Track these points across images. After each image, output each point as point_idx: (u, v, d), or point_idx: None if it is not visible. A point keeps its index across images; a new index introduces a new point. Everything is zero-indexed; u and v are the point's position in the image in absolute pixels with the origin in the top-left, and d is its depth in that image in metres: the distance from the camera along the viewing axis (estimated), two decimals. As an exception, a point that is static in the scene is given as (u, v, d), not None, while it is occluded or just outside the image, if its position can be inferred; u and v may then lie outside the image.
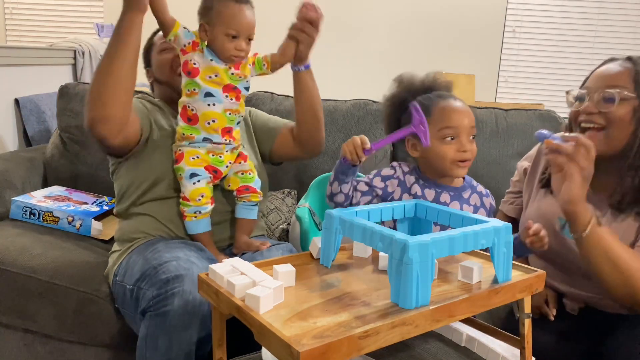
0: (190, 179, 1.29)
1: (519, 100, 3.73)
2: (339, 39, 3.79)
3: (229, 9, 1.21)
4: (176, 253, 1.18)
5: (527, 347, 0.90)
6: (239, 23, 1.22)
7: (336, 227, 0.88)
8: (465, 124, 1.08)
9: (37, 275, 1.43)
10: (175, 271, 1.09)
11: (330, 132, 1.86)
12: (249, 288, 0.74)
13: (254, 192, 1.37)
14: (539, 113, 1.91)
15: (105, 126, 1.22)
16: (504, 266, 0.85)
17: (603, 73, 1.13)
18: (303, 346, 0.61)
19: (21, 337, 1.51)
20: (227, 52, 1.23)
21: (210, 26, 1.23)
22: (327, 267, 0.92)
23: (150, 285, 1.11)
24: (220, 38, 1.22)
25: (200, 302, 1.06)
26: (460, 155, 1.08)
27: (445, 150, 1.09)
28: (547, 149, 1.02)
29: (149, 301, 1.08)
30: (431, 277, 0.75)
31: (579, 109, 1.13)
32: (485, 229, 0.82)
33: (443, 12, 3.74)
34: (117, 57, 1.19)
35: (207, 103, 1.26)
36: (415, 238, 0.74)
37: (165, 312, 1.05)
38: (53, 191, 1.84)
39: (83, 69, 2.66)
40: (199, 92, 1.25)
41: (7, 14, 4.05)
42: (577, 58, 3.74)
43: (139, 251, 1.27)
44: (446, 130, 1.08)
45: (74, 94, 1.99)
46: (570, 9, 3.70)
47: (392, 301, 0.76)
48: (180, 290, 1.06)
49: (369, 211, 0.92)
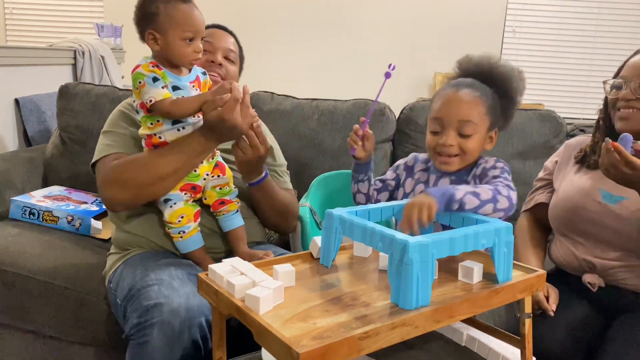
0: (165, 204, 1.22)
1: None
2: (339, 39, 3.79)
3: (179, 11, 1.13)
4: (161, 274, 1.14)
5: (528, 347, 0.90)
6: (193, 23, 1.14)
7: (336, 226, 0.87)
8: (452, 116, 1.04)
9: (36, 276, 1.43)
10: (155, 298, 1.06)
11: (330, 132, 1.86)
12: (248, 288, 0.74)
13: (230, 202, 1.29)
14: (539, 113, 1.91)
15: (124, 207, 1.26)
16: (505, 266, 0.84)
17: (637, 63, 1.23)
18: (303, 347, 0.61)
19: (21, 337, 1.51)
20: (187, 58, 1.15)
21: (161, 33, 1.14)
22: (327, 267, 0.91)
23: (133, 311, 1.08)
24: (176, 43, 1.14)
25: (180, 332, 1.03)
26: (440, 148, 1.06)
27: (429, 141, 1.08)
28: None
29: (131, 329, 1.06)
30: (431, 277, 0.75)
31: (618, 96, 1.24)
32: (485, 229, 0.82)
33: (443, 12, 3.74)
34: (176, 174, 1.18)
35: (176, 129, 1.18)
36: (415, 238, 0.73)
37: (145, 342, 1.03)
38: (52, 191, 1.84)
39: (83, 69, 2.66)
40: (163, 122, 1.17)
41: (7, 14, 4.05)
42: (577, 58, 3.74)
43: (132, 263, 1.25)
44: (433, 121, 1.07)
45: (73, 94, 1.99)
46: (570, 9, 3.70)
47: (392, 301, 0.76)
48: (159, 321, 1.02)
49: (369, 211, 0.92)
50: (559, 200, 1.34)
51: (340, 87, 3.44)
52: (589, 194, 1.26)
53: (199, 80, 1.22)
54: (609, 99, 1.28)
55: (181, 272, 1.18)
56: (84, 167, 1.94)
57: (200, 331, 1.05)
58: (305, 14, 3.80)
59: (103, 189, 1.24)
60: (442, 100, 1.06)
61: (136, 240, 1.32)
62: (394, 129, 1.93)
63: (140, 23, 1.16)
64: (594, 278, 1.25)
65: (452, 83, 1.09)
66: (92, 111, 1.96)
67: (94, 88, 2.02)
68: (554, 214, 1.34)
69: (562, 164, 1.42)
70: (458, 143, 1.05)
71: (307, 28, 3.79)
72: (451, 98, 1.05)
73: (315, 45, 3.77)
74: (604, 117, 1.32)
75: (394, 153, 1.94)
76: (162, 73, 1.15)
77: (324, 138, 1.86)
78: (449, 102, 1.05)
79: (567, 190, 1.32)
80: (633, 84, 1.21)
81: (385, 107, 1.91)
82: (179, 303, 1.04)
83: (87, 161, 1.97)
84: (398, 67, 1.08)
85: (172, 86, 1.16)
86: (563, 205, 1.31)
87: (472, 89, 1.06)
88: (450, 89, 1.07)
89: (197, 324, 1.04)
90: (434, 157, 1.09)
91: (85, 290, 1.40)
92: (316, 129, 1.87)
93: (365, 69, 3.78)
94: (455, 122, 1.04)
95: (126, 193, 1.20)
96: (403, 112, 1.95)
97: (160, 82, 1.13)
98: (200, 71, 1.25)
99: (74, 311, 1.40)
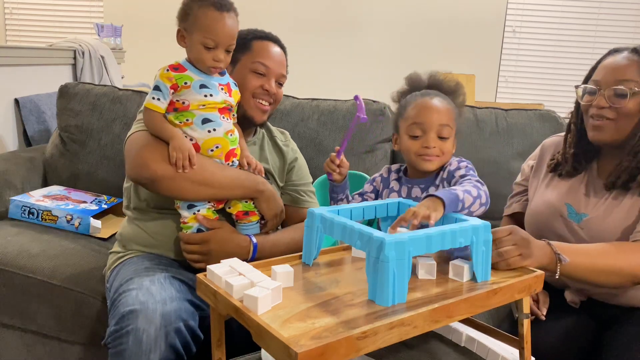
0: (189, 210, 1.23)
1: (519, 100, 3.74)
2: (339, 39, 3.79)
3: (207, 17, 1.14)
4: (144, 279, 1.11)
5: (527, 347, 0.90)
6: (216, 33, 1.14)
7: (317, 225, 0.89)
8: (433, 121, 1.10)
9: (36, 275, 1.43)
10: (131, 304, 1.03)
11: (330, 132, 1.86)
12: (247, 289, 0.74)
13: (253, 214, 1.29)
14: (539, 113, 1.91)
15: (150, 181, 1.17)
16: (483, 265, 0.85)
17: (612, 66, 1.16)
18: (301, 347, 0.61)
19: (21, 337, 1.51)
20: (205, 63, 1.17)
21: (187, 33, 1.16)
22: (326, 268, 0.92)
23: (112, 317, 1.07)
24: (197, 47, 1.15)
25: (156, 338, 1.00)
26: (424, 150, 1.10)
27: (409, 145, 1.12)
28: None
29: (108, 336, 1.05)
30: (408, 275, 0.76)
31: (591, 102, 1.18)
32: (463, 228, 0.83)
33: (443, 12, 3.74)
34: (218, 192, 1.21)
35: (207, 130, 1.18)
36: (392, 236, 0.74)
37: (122, 350, 1.01)
38: (52, 190, 1.84)
39: (83, 69, 2.66)
40: (193, 121, 1.18)
41: (7, 14, 4.05)
42: (577, 58, 3.74)
43: (129, 264, 1.24)
44: (413, 126, 1.11)
45: (73, 94, 1.99)
46: (570, 9, 3.70)
47: (370, 298, 0.77)
48: (134, 329, 1.00)
49: (352, 210, 0.93)
50: (530, 214, 1.31)
51: (340, 87, 3.44)
52: (556, 209, 1.23)
53: (229, 87, 1.24)
54: (581, 104, 1.22)
55: (166, 276, 1.15)
56: (83, 167, 1.94)
57: (179, 337, 1.03)
58: (305, 14, 3.80)
59: (149, 173, 1.16)
60: (421, 107, 1.12)
61: (139, 239, 1.31)
62: (394, 129, 1.93)
63: (178, 19, 1.18)
64: (574, 296, 1.22)
65: (420, 93, 1.16)
66: (92, 111, 1.96)
67: (93, 88, 2.02)
68: (527, 227, 1.30)
69: (537, 168, 1.38)
70: (438, 145, 1.10)
71: (307, 28, 3.79)
72: (430, 104, 1.12)
73: (315, 45, 3.76)
74: (576, 121, 1.27)
75: (393, 152, 1.95)
76: (184, 75, 1.16)
77: (324, 138, 1.86)
78: (429, 108, 1.11)
79: (538, 204, 1.29)
80: (608, 91, 1.14)
81: (385, 107, 1.91)
82: (154, 309, 1.01)
83: (87, 161, 1.99)
84: (398, 67, 1.10)
85: (200, 84, 1.17)
86: (533, 221, 1.29)
87: (442, 97, 1.14)
88: (424, 98, 1.14)
89: (173, 329, 1.02)
90: (416, 159, 1.12)
91: (84, 289, 1.40)
92: (316, 129, 1.87)
93: (365, 69, 3.78)
94: (436, 126, 1.10)
95: (167, 170, 1.15)
96: (403, 112, 1.95)
97: (160, 94, 1.15)
98: (232, 82, 1.27)
99: (74, 310, 1.41)
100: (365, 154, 1.86)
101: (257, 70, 1.34)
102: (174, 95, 1.17)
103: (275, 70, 1.36)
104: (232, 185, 1.22)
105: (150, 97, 1.16)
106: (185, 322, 1.04)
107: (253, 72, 1.34)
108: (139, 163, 1.16)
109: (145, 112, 1.18)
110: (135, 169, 1.18)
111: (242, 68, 1.35)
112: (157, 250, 1.30)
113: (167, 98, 1.16)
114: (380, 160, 1.87)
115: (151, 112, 1.16)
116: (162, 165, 1.14)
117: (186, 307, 1.07)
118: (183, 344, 1.04)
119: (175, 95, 1.17)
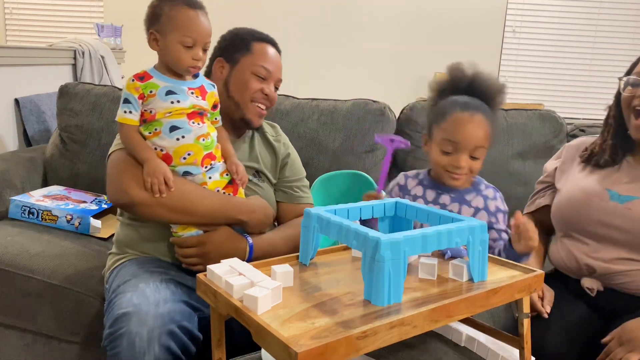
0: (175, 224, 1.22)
1: (519, 100, 3.73)
2: (339, 39, 3.79)
3: (182, 15, 1.12)
4: (139, 282, 1.11)
5: (527, 347, 0.90)
6: (194, 30, 1.12)
7: (314, 225, 0.88)
8: (468, 142, 1.07)
9: (36, 275, 1.43)
10: (125, 307, 1.03)
11: (330, 132, 1.86)
12: (247, 289, 0.74)
13: None
14: (539, 113, 1.91)
15: (129, 206, 1.18)
16: (480, 265, 0.85)
17: None
18: (301, 347, 0.61)
19: (21, 337, 1.51)
20: (184, 63, 1.14)
21: (161, 35, 1.13)
22: (326, 268, 0.92)
23: (107, 320, 1.07)
24: (174, 47, 1.12)
25: (149, 340, 0.99)
26: (453, 168, 1.09)
27: (439, 159, 1.10)
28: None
29: (105, 339, 1.05)
30: (403, 274, 0.75)
31: (635, 94, 1.18)
32: (459, 227, 0.82)
33: (443, 12, 3.74)
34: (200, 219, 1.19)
35: (175, 137, 1.15)
36: (387, 236, 0.74)
37: (117, 353, 1.01)
38: (52, 190, 1.84)
39: (83, 69, 2.66)
40: (161, 129, 1.15)
41: (7, 14, 4.05)
42: (577, 58, 3.74)
43: (127, 266, 1.23)
44: (446, 142, 1.08)
45: (73, 94, 1.99)
46: (570, 9, 3.70)
47: (365, 298, 0.76)
48: (127, 331, 1.00)
49: (349, 209, 0.93)
50: (563, 200, 1.32)
51: (340, 87, 3.44)
52: (595, 194, 1.24)
53: (202, 89, 1.20)
54: (623, 96, 1.21)
55: (162, 279, 1.14)
56: (83, 167, 1.94)
57: (173, 339, 1.01)
58: (304, 14, 3.80)
59: (126, 199, 1.17)
60: (459, 123, 1.07)
61: (135, 243, 1.30)
62: (394, 129, 1.92)
63: (147, 22, 1.16)
64: (593, 283, 1.23)
65: (461, 103, 1.09)
66: (92, 111, 1.96)
67: (94, 88, 2.02)
68: (558, 213, 1.32)
69: (564, 165, 1.39)
70: (469, 165, 1.09)
71: (307, 28, 3.79)
72: (468, 124, 1.07)
73: (315, 45, 3.77)
74: (615, 114, 1.26)
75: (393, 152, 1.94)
76: (149, 83, 1.14)
77: (324, 138, 1.86)
78: (466, 127, 1.07)
79: (572, 189, 1.30)
80: None
81: (385, 107, 1.91)
82: (146, 311, 1.01)
83: (87, 161, 1.98)
84: (398, 67, 1.09)
85: (167, 91, 1.15)
86: (568, 205, 1.29)
87: (483, 113, 1.09)
88: (464, 113, 1.08)
89: (166, 331, 1.00)
90: (444, 174, 1.11)
91: (84, 289, 1.40)
92: (316, 129, 1.87)
93: (365, 68, 3.78)
94: (471, 147, 1.07)
95: (144, 197, 1.14)
96: (403, 112, 1.95)
97: (130, 106, 1.13)
98: (208, 83, 1.24)
99: (74, 310, 1.41)
100: (365, 154, 1.86)
101: (259, 73, 1.33)
102: (142, 106, 1.15)
103: (275, 74, 1.36)
104: (212, 215, 1.21)
105: (121, 112, 1.14)
106: (180, 323, 1.03)
107: (254, 75, 1.33)
108: (118, 189, 1.17)
109: (119, 128, 1.17)
110: (115, 194, 1.19)
111: (242, 69, 1.34)
112: (152, 254, 1.29)
113: (138, 109, 1.14)
114: (380, 160, 1.87)
115: (125, 126, 1.15)
116: (140, 193, 1.14)
117: (181, 309, 1.06)
118: (179, 345, 1.03)
119: (143, 105, 1.15)
